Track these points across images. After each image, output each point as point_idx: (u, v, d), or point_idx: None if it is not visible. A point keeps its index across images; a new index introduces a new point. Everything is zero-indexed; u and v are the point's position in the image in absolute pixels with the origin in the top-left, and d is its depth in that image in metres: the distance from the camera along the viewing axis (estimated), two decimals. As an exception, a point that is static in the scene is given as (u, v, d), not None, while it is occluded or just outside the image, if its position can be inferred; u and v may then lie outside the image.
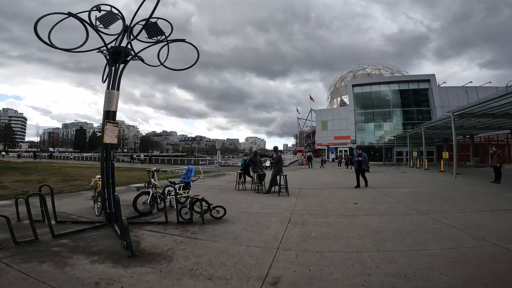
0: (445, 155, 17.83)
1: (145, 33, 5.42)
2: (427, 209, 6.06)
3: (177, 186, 6.37)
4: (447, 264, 3.14)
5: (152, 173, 6.20)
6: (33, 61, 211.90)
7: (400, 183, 11.74)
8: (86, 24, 4.78)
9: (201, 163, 31.21)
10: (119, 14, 5.30)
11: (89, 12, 4.90)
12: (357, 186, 9.96)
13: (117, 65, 5.04)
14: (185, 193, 6.32)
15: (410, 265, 3.13)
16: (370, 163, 16.78)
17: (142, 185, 6.99)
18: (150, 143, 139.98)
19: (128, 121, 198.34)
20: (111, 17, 5.21)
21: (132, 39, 5.27)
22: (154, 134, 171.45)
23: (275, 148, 10.18)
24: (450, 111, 13.25)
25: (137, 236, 4.28)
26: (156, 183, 6.13)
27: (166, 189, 5.67)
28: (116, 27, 5.30)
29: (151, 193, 5.62)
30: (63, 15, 4.58)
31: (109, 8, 5.22)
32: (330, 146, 40.67)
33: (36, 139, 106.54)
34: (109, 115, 4.83)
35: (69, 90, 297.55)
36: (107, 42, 5.01)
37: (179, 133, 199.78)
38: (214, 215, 5.20)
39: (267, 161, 18.54)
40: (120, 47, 5.07)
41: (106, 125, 4.65)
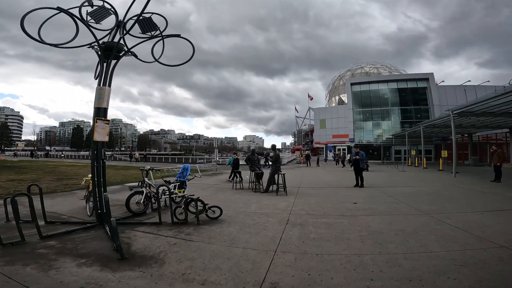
0: (444, 153, 17.74)
1: (139, 28, 5.28)
2: (428, 209, 5.92)
3: (172, 185, 6.20)
4: (453, 267, 2.99)
5: (146, 172, 6.01)
6: (30, 60, 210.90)
7: (399, 182, 11.62)
8: (76, 19, 4.62)
9: (198, 161, 31.02)
10: (112, 9, 5.17)
11: (80, 7, 4.75)
12: (356, 185, 9.83)
13: (109, 61, 4.89)
14: (180, 192, 6.15)
15: (414, 268, 2.97)
16: (368, 161, 16.66)
17: (135, 184, 6.79)
18: (148, 141, 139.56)
19: (125, 119, 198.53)
20: (103, 12, 5.08)
21: (124, 34, 5.13)
22: (152, 132, 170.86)
23: (273, 146, 10.04)
24: (449, 109, 13.14)
25: (129, 237, 4.11)
26: (150, 182, 5.94)
27: (160, 189, 5.50)
28: (109, 23, 5.17)
29: (144, 193, 5.44)
30: (53, 10, 4.44)
31: (101, 3, 5.07)
32: (328, 144, 40.53)
33: (32, 138, 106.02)
34: (100, 112, 4.65)
35: (66, 88, 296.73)
36: (99, 38, 4.87)
37: (177, 132, 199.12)
38: (210, 215, 5.03)
39: (260, 160, 18.40)
40: (112, 43, 4.92)
41: (96, 122, 4.46)
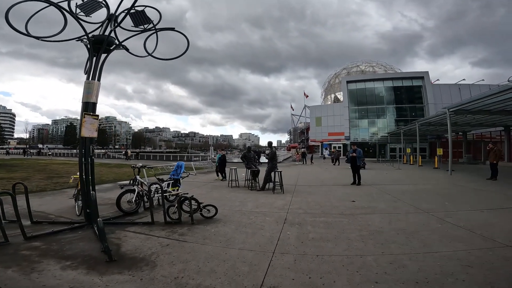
0: (440, 151, 17.78)
1: (131, 22, 5.07)
2: (428, 207, 5.81)
3: (166, 183, 5.98)
4: (460, 268, 2.86)
5: (137, 169, 5.78)
6: (22, 57, 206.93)
7: (396, 180, 11.55)
8: (64, 11, 4.39)
9: (194, 159, 30.77)
10: (103, 1, 4.94)
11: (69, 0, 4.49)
12: (353, 183, 9.72)
13: (99, 55, 4.68)
14: (174, 190, 5.93)
15: (420, 270, 2.84)
16: (364, 159, 16.58)
17: (127, 182, 6.55)
18: (142, 139, 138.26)
19: (120, 117, 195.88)
20: (94, 5, 4.86)
21: (115, 26, 4.91)
22: (147, 130, 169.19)
23: (270, 143, 9.85)
24: (446, 107, 13.10)
25: (119, 238, 3.90)
26: (142, 180, 5.71)
27: (152, 187, 5.28)
28: (100, 16, 4.97)
29: (136, 191, 5.21)
30: (42, 4, 4.21)
31: None
32: (324, 142, 40.51)
33: (25, 136, 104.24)
34: (88, 106, 4.42)
35: (59, 86, 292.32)
36: (90, 31, 4.67)
37: (172, 129, 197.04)
38: (204, 214, 4.83)
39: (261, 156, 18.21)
40: (102, 36, 4.72)
41: (84, 117, 4.22)
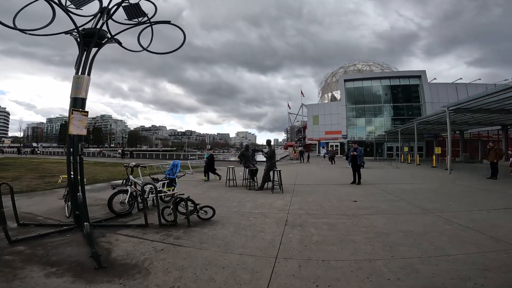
0: (438, 150, 17.73)
1: (125, 15, 4.86)
2: (432, 207, 5.64)
3: (161, 183, 5.72)
4: (477, 272, 2.67)
5: (131, 169, 5.51)
6: (17, 56, 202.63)
7: (395, 179, 11.41)
8: (52, 3, 4.14)
9: (190, 158, 30.44)
10: None
11: None
12: (353, 182, 9.55)
13: (89, 48, 4.43)
14: (169, 190, 5.68)
15: (435, 274, 2.64)
16: (363, 158, 16.42)
17: (119, 182, 6.27)
18: (138, 137, 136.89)
19: (116, 115, 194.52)
20: None
21: (107, 19, 4.65)
22: (143, 128, 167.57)
23: (268, 142, 9.63)
24: (445, 105, 12.99)
25: (110, 242, 3.65)
26: (135, 180, 5.44)
27: (147, 187, 5.03)
28: (93, 9, 4.72)
29: (129, 192, 4.95)
30: None
31: None
32: (321, 141, 40.39)
33: (19, 134, 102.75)
34: (77, 102, 4.16)
35: (54, 84, 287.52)
36: (82, 24, 4.47)
37: (168, 128, 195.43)
38: (201, 216, 4.59)
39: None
40: (93, 29, 4.50)
41: (72, 113, 3.95)
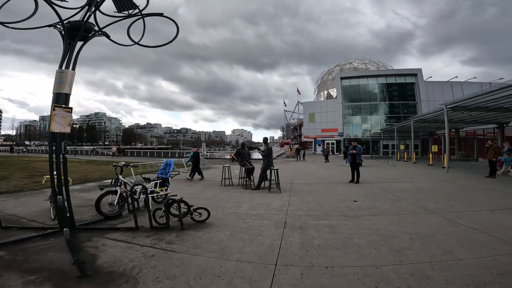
0: (435, 148, 17.69)
1: (115, 8, 4.53)
2: (434, 207, 5.47)
3: (153, 183, 5.45)
4: (492, 277, 2.50)
5: (120, 168, 5.23)
6: (9, 53, 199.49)
7: (393, 177, 11.27)
8: None
9: (185, 156, 30.06)
10: None
11: None
12: (352, 180, 9.38)
13: (75, 42, 4.16)
14: (162, 191, 5.42)
15: (448, 281, 2.45)
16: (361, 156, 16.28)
17: (108, 181, 5.98)
18: (133, 135, 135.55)
19: (110, 113, 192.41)
20: None
21: (93, 11, 4.34)
22: (137, 126, 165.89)
23: (265, 139, 9.37)
24: (443, 103, 12.89)
25: (96, 247, 3.39)
26: (125, 180, 5.15)
27: (137, 188, 4.75)
28: (81, 2, 4.41)
29: (119, 192, 4.68)
30: None
31: None
32: (317, 138, 40.36)
33: (12, 132, 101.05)
34: (60, 98, 3.86)
35: (47, 82, 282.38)
36: (68, 17, 4.19)
37: (164, 126, 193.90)
38: (195, 218, 4.34)
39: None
40: (78, 22, 4.20)
41: (54, 110, 3.65)
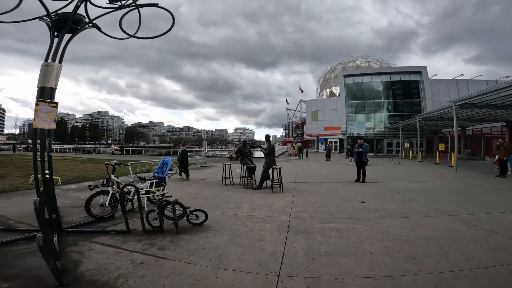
0: (442, 147, 17.26)
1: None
2: (448, 208, 5.12)
3: (148, 182, 5.15)
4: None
5: (112, 167, 4.93)
6: (12, 52, 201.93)
7: (400, 176, 10.90)
8: None
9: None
10: None
11: None
12: (357, 180, 9.03)
13: (62, 34, 3.89)
14: (158, 191, 5.11)
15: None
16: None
17: (100, 181, 5.69)
18: (135, 134, 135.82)
19: (112, 112, 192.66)
20: None
21: (83, 1, 4.03)
22: (140, 125, 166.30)
23: (267, 137, 9.06)
24: (452, 100, 12.50)
25: (81, 252, 3.09)
26: (117, 179, 4.84)
27: (130, 188, 4.46)
28: None
29: (110, 193, 4.38)
30: None
31: None
32: (320, 136, 39.89)
33: (15, 131, 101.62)
34: (45, 92, 3.56)
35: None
36: (58, 8, 3.95)
37: (166, 124, 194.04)
38: (192, 221, 4.03)
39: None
40: (66, 13, 3.94)
41: (37, 104, 3.35)
